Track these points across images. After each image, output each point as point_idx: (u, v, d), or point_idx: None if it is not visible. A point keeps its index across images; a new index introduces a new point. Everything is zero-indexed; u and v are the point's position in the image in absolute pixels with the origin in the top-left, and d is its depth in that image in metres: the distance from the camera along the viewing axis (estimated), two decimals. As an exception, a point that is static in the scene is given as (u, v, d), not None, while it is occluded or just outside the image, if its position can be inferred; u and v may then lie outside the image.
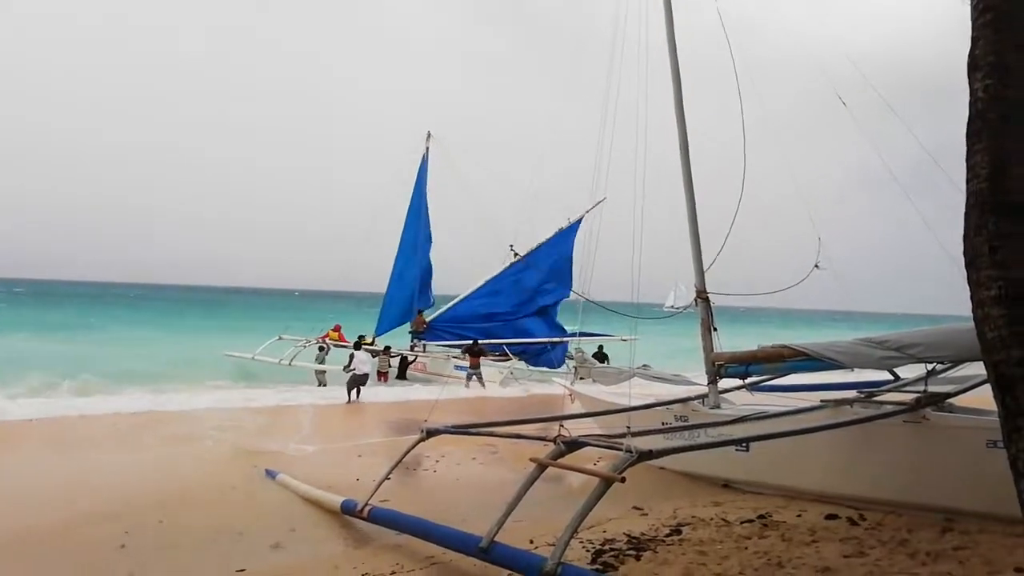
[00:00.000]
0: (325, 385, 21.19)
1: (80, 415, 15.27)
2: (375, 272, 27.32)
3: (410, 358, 23.78)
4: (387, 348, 23.30)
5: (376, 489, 7.47)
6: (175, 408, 16.54)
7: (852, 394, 8.62)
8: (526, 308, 24.14)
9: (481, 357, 22.56)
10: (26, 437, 13.01)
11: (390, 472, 7.79)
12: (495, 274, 24.59)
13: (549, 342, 23.58)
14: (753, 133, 10.13)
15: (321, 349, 23.06)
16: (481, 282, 24.96)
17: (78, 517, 7.84)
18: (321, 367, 22.06)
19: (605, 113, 9.83)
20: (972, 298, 4.63)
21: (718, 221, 10.30)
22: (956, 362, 7.56)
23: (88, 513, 7.97)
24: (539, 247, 23.38)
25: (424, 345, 25.37)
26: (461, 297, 25.50)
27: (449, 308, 25.74)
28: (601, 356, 21.19)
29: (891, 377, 8.95)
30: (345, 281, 25.71)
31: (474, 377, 21.78)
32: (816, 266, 10.65)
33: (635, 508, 7.79)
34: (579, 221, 20.71)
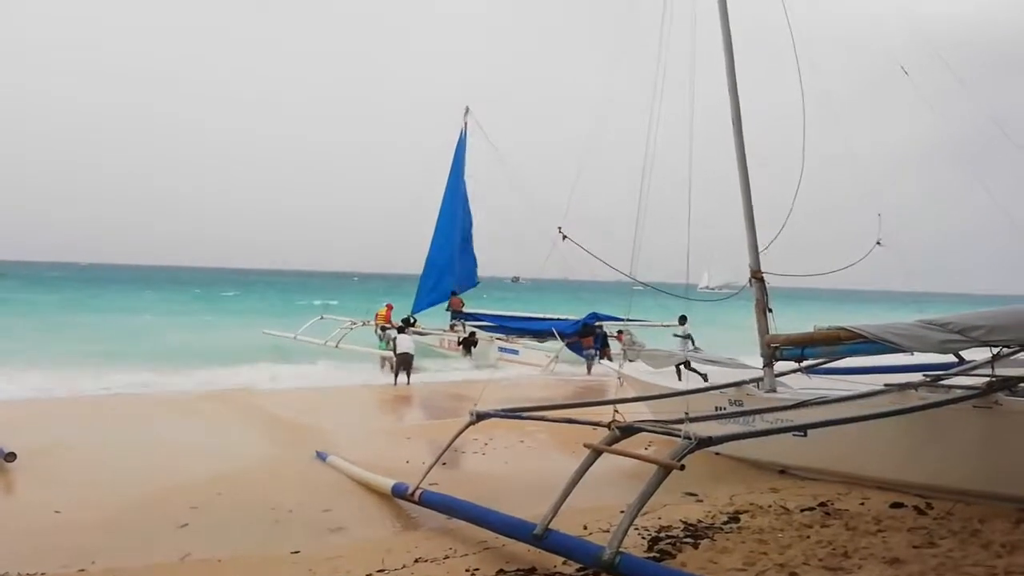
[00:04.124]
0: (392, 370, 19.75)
1: (134, 393, 15.74)
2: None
3: (478, 336, 23.93)
4: (413, 320, 23.63)
5: (427, 473, 7.46)
6: (224, 388, 16.86)
7: (916, 377, 8.27)
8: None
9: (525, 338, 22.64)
10: (88, 416, 13.40)
11: (440, 456, 7.77)
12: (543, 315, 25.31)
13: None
14: (808, 104, 9.70)
15: (386, 329, 23.08)
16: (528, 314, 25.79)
17: (143, 496, 8.06)
18: (387, 352, 21.02)
19: (655, 83, 9.45)
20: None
21: (768, 198, 9.97)
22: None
23: (152, 493, 8.19)
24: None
25: (464, 324, 25.46)
26: (503, 314, 26.28)
27: (491, 314, 26.31)
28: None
29: (956, 360, 8.58)
30: (396, 262, 26.21)
31: (593, 357, 21.52)
32: (878, 243, 10.25)
33: (689, 494, 7.64)
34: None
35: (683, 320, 18.76)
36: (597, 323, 22.46)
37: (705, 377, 10.69)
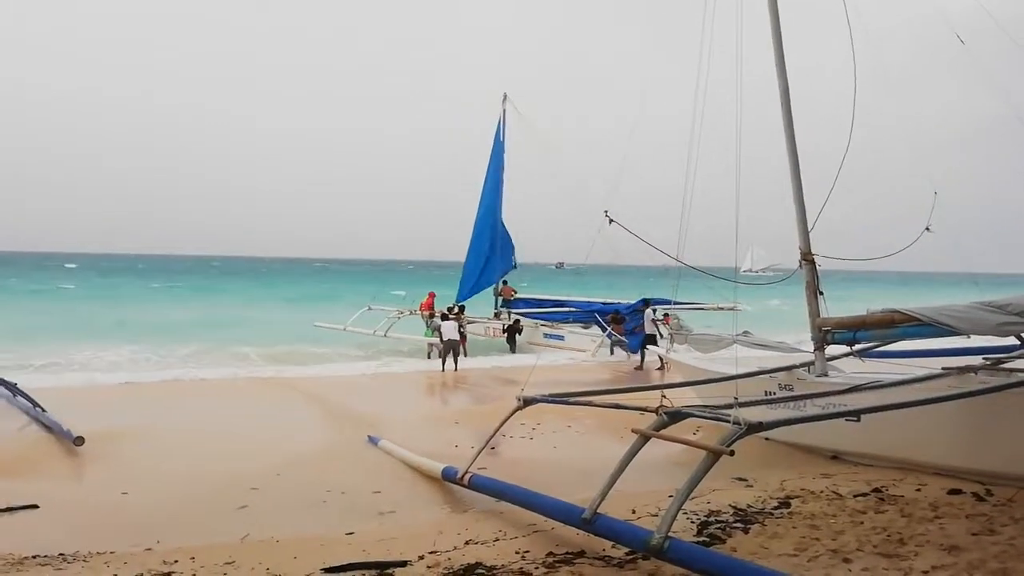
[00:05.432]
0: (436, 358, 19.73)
1: (194, 379, 16.30)
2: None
3: (522, 323, 23.82)
4: (462, 307, 23.61)
5: (476, 457, 7.55)
6: (280, 375, 17.32)
7: (975, 361, 8.03)
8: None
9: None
10: (150, 401, 13.89)
11: (489, 441, 7.86)
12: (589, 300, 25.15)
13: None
14: (855, 77, 9.41)
15: (432, 317, 23.04)
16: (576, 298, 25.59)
17: (205, 478, 8.38)
18: (433, 339, 20.85)
19: (700, 64, 9.26)
20: None
21: (820, 177, 9.73)
22: None
23: (213, 475, 8.50)
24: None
25: (510, 313, 25.49)
26: (555, 298, 26.22)
27: (538, 298, 26.36)
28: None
29: (1017, 342, 8.29)
30: (446, 250, 26.30)
31: (620, 343, 21.36)
32: (927, 229, 10.01)
33: (738, 479, 7.59)
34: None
35: (646, 303, 18.20)
36: (649, 306, 22.33)
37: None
